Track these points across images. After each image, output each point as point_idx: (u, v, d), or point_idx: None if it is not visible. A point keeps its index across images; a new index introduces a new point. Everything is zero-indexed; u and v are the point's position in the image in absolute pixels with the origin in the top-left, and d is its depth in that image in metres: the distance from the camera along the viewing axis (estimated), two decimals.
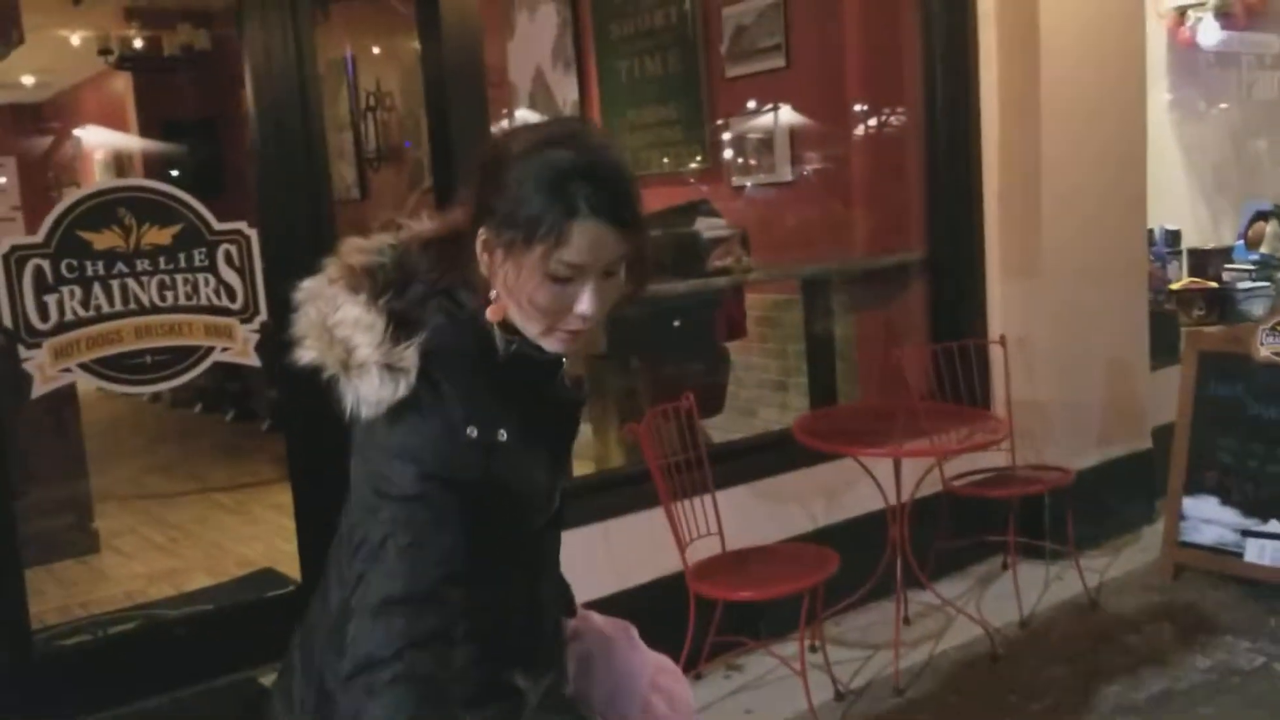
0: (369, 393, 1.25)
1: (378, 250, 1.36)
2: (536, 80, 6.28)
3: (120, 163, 9.69)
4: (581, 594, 3.21)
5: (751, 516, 3.58)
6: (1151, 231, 5.47)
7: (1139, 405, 4.51)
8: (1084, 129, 4.19)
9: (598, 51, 5.85)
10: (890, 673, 3.39)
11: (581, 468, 4.44)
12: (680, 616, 3.19)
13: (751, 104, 5.03)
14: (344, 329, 1.27)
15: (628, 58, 5.63)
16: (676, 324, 4.32)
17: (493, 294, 1.32)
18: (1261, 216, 5.74)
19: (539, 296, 1.28)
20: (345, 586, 1.27)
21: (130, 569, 4.78)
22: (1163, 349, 4.74)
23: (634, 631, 1.66)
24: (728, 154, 5.20)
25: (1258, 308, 5.22)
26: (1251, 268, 5.55)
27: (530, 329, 1.32)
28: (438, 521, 1.24)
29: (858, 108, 4.66)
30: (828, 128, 4.80)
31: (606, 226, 1.26)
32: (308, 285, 1.33)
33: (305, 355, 1.29)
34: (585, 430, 4.73)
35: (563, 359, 1.39)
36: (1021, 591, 3.84)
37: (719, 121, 5.21)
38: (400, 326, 1.28)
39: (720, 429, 4.95)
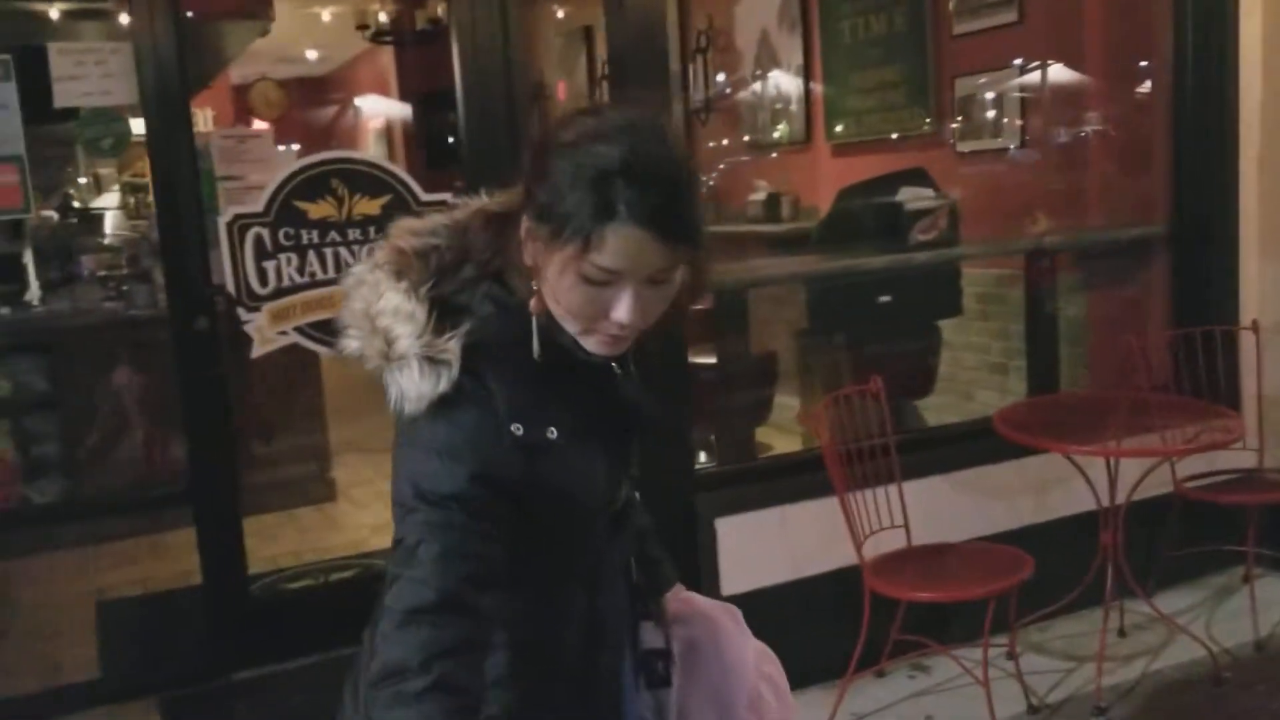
0: (410, 386, 1.20)
1: (431, 232, 1.30)
2: (762, 43, 6.12)
3: (390, 132, 10.31)
4: (752, 580, 3.15)
5: (946, 510, 3.36)
6: None
7: None
8: None
9: (821, 11, 5.62)
10: (1093, 689, 3.10)
11: (789, 444, 4.33)
12: (861, 611, 3.04)
13: (981, 64, 4.67)
14: (385, 318, 1.22)
15: (851, 17, 5.37)
16: (883, 300, 4.09)
17: (534, 284, 1.24)
18: None
19: (571, 297, 1.20)
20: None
21: (360, 518, 5.09)
22: None
23: (740, 616, 1.56)
24: (954, 118, 4.86)
25: None
26: None
27: (569, 327, 1.24)
28: (474, 525, 1.19)
29: (1097, 64, 4.23)
30: (1063, 87, 4.39)
31: (648, 235, 1.15)
32: (356, 271, 1.28)
33: (348, 345, 1.25)
34: (794, 405, 4.59)
35: (613, 359, 1.30)
36: (1260, 609, 3.41)
37: (946, 83, 4.88)
38: (445, 315, 1.23)
39: (935, 410, 4.70)
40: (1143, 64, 4.03)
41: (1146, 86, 4.01)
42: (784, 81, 6.02)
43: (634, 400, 1.37)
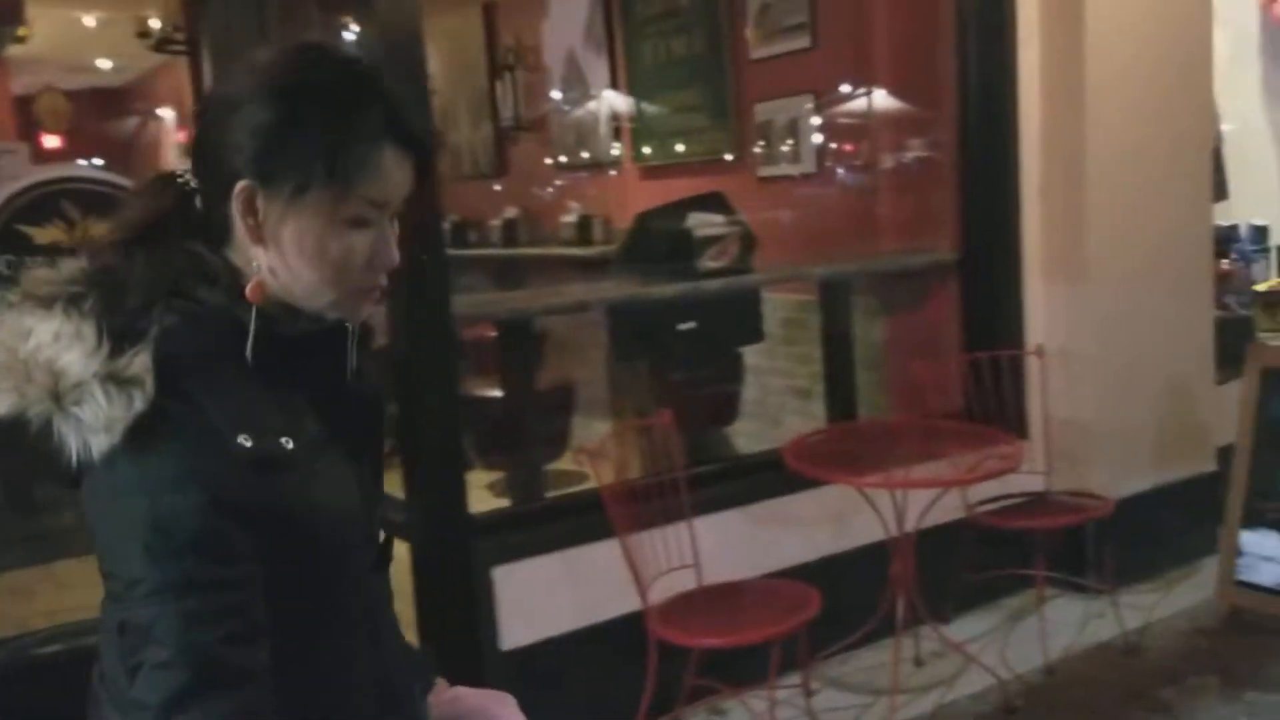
0: (96, 416, 0.97)
1: (68, 280, 1.07)
2: (569, 62, 5.99)
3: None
4: (536, 632, 2.96)
5: (740, 545, 3.26)
6: (1235, 227, 4.96)
7: (1201, 423, 4.02)
8: (1138, 113, 3.72)
9: (625, 32, 5.53)
10: None
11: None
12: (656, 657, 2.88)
13: (778, 89, 4.64)
14: (44, 349, 0.99)
15: (654, 38, 5.29)
16: (684, 327, 3.98)
17: (254, 265, 1.07)
18: None
19: (334, 253, 1.06)
20: (114, 668, 1.02)
21: None
22: (1239, 359, 4.22)
23: (513, 702, 1.38)
24: (752, 142, 4.83)
25: None
26: None
27: (320, 298, 1.09)
28: (219, 572, 0.98)
29: (888, 90, 4.26)
30: (854, 113, 4.40)
31: (407, 154, 1.08)
32: None
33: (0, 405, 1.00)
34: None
35: (346, 339, 1.14)
36: (1053, 633, 3.44)
37: (747, 108, 4.84)
38: (122, 341, 1.01)
39: (746, 437, 4.63)
40: (930, 92, 4.05)
41: (934, 114, 4.03)
42: (591, 102, 5.90)
43: (369, 397, 1.20)
